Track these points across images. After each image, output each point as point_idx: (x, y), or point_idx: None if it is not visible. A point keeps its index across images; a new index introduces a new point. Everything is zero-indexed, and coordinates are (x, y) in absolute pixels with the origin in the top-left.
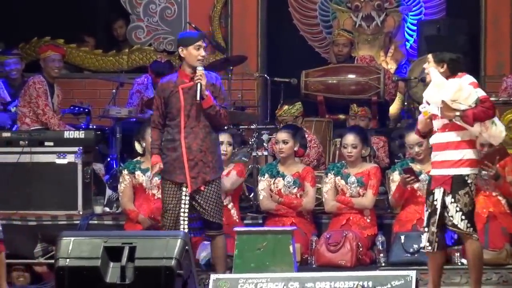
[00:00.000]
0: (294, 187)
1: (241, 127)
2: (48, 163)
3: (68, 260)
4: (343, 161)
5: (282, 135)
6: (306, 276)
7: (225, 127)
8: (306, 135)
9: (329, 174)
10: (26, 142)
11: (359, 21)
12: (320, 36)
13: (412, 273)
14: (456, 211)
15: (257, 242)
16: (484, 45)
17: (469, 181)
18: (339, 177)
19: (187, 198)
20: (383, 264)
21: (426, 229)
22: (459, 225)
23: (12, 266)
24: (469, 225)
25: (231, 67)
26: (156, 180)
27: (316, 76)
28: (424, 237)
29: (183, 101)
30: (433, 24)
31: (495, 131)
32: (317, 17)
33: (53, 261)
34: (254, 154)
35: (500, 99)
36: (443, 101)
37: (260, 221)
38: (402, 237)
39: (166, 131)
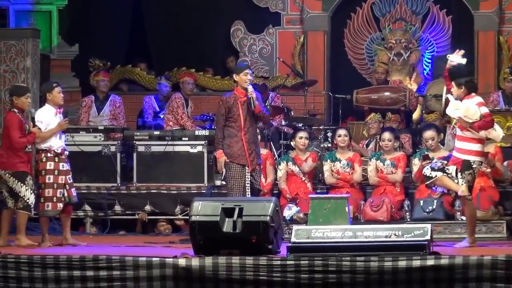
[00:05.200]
0: (348, 168)
1: (313, 127)
2: (185, 152)
3: (198, 216)
4: (381, 151)
5: (344, 131)
6: (357, 227)
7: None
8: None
9: (372, 159)
10: (170, 137)
11: (392, 57)
12: (366, 67)
13: (428, 226)
14: (462, 184)
15: (324, 205)
16: (477, 72)
17: (474, 166)
18: (378, 161)
19: (248, 174)
20: (408, 220)
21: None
22: None
23: (160, 221)
24: (468, 193)
25: (306, 88)
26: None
27: (363, 94)
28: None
29: (241, 109)
30: (442, 59)
31: (495, 134)
32: (364, 54)
33: (188, 217)
34: (321, 145)
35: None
36: (458, 116)
37: (326, 191)
38: (421, 202)
39: (227, 129)
